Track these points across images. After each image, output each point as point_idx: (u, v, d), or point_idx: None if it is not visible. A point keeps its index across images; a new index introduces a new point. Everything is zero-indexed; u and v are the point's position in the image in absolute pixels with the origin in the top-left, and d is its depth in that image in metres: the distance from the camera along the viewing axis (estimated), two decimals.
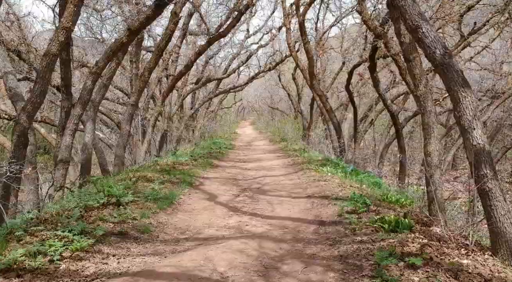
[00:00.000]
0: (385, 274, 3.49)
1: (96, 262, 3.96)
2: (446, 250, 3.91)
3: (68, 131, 7.20)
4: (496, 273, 3.49)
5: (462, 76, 3.80)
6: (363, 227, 4.93)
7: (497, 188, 3.77)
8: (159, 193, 6.68)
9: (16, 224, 4.53)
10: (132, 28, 7.07)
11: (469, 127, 3.76)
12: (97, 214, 5.21)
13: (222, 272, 3.76)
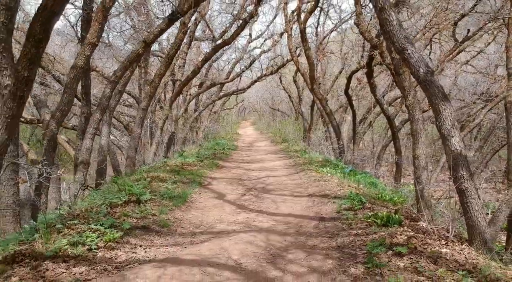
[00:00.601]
0: (376, 260, 4.11)
1: (126, 251, 4.59)
2: (429, 241, 4.53)
3: (89, 135, 7.82)
4: (469, 260, 4.11)
5: (442, 91, 4.42)
6: (358, 222, 5.55)
7: (472, 187, 4.39)
8: (173, 192, 7.31)
9: (52, 219, 5.15)
10: (147, 40, 7.69)
11: (448, 135, 4.38)
12: (121, 210, 5.83)
13: (236, 260, 4.39)
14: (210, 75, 20.83)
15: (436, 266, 3.94)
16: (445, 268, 3.87)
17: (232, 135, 28.39)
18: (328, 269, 4.15)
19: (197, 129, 21.01)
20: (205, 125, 21.90)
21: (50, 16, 3.93)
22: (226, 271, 4.09)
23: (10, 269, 3.90)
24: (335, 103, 23.86)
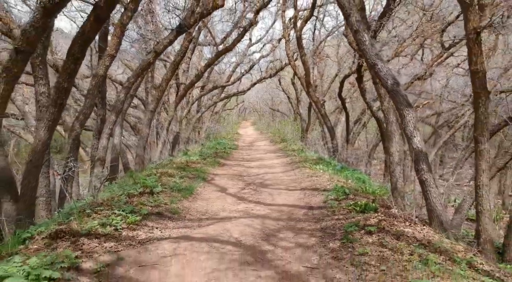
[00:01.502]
0: (350, 237, 5.05)
1: (145, 232, 5.54)
2: (396, 223, 5.47)
3: (105, 135, 8.77)
4: (426, 237, 5.05)
5: (406, 99, 5.37)
6: (340, 209, 6.50)
7: (431, 178, 5.34)
8: (181, 185, 8.26)
9: (80, 206, 6.10)
10: (157, 51, 8.63)
11: (411, 135, 5.32)
12: (138, 200, 6.78)
13: (236, 238, 5.34)
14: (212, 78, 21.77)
15: (398, 241, 4.88)
16: (405, 243, 4.80)
17: (232, 135, 29.34)
18: (312, 244, 5.10)
19: (199, 129, 21.96)
20: (207, 126, 22.85)
21: (86, 40, 4.87)
22: (228, 245, 5.05)
23: (55, 242, 4.84)
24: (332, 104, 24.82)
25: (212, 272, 4.28)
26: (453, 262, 4.25)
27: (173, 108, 13.96)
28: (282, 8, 15.89)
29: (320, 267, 4.38)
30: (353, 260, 4.41)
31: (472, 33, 4.77)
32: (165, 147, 14.70)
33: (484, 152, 4.93)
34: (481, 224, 5.03)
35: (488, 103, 4.91)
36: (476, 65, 4.84)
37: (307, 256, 4.72)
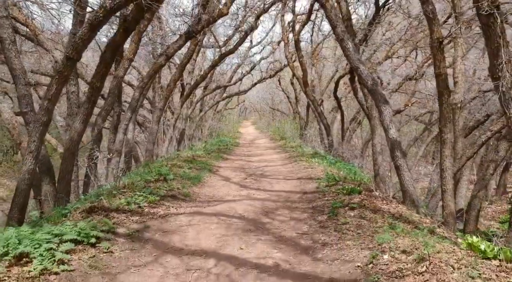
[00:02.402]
0: (336, 212, 6.06)
1: (163, 209, 6.54)
2: (375, 201, 6.48)
3: (121, 130, 9.77)
4: (399, 212, 6.05)
5: (384, 97, 6.37)
6: (330, 193, 7.50)
7: (404, 164, 6.34)
8: (190, 174, 9.27)
9: (107, 189, 7.11)
10: (168, 54, 9.63)
11: (388, 127, 6.32)
12: (154, 185, 7.79)
13: (240, 213, 6.35)
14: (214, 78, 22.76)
15: (374, 214, 5.88)
16: (380, 215, 5.81)
17: (234, 134, 30.39)
18: (303, 218, 6.11)
19: (202, 127, 22.96)
20: (210, 124, 23.85)
21: (116, 47, 5.87)
22: (234, 218, 6.06)
23: (90, 216, 5.84)
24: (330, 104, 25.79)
25: (221, 236, 5.28)
26: (416, 229, 5.25)
27: (180, 107, 14.97)
28: (281, 12, 16.87)
29: (309, 233, 5.39)
30: (336, 227, 5.42)
31: (436, 42, 5.75)
32: (172, 142, 15.70)
33: (447, 140, 5.90)
34: (445, 201, 6.01)
35: (449, 100, 5.89)
36: (439, 69, 5.82)
37: (299, 226, 5.73)
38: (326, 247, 4.79)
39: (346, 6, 7.22)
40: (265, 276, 4.08)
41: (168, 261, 4.46)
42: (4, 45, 6.01)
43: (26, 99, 6.31)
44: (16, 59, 6.12)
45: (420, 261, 3.76)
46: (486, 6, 3.98)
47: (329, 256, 4.52)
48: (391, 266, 3.85)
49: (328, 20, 6.47)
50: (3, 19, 5.88)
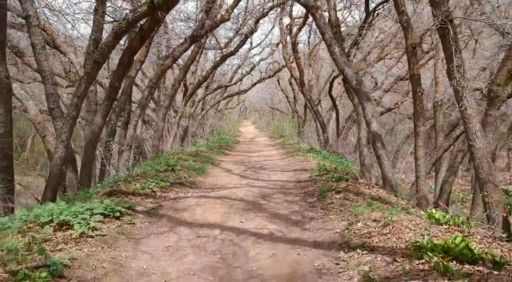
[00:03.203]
0: (323, 195, 6.96)
1: (173, 193, 7.45)
2: (359, 187, 7.38)
3: (132, 126, 10.68)
4: (379, 194, 6.95)
5: (367, 95, 7.27)
6: (321, 180, 8.41)
7: (384, 154, 7.24)
8: (195, 166, 10.18)
9: (123, 177, 8.01)
10: (175, 56, 10.54)
11: (370, 121, 7.22)
12: (163, 174, 8.70)
13: (241, 197, 7.26)
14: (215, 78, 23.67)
15: (357, 196, 6.78)
16: (361, 197, 6.71)
17: (234, 132, 31.30)
18: (295, 200, 7.03)
19: (204, 125, 23.87)
20: (211, 122, 24.76)
21: (133, 52, 6.78)
22: (235, 201, 6.97)
23: (110, 197, 6.74)
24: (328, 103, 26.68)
25: (224, 214, 6.20)
26: (391, 207, 6.15)
27: (183, 106, 15.87)
28: (279, 16, 17.77)
29: (300, 211, 6.30)
30: (323, 206, 6.33)
31: (410, 47, 6.65)
32: (176, 139, 16.61)
33: (420, 133, 6.79)
34: (419, 185, 6.90)
35: (422, 98, 6.79)
36: (413, 70, 6.72)
37: (292, 206, 6.65)
38: (313, 221, 5.71)
39: (335, 14, 8.11)
40: (262, 240, 4.98)
41: (181, 231, 5.37)
42: (35, 50, 6.92)
43: (53, 97, 7.21)
44: (45, 62, 7.03)
45: (386, 226, 4.66)
46: (441, 20, 4.89)
47: (315, 226, 5.43)
48: (362, 230, 4.76)
49: (318, 27, 7.36)
50: (35, 27, 6.79)
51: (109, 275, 3.95)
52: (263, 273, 4.03)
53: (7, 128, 6.10)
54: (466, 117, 5.07)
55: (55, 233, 4.68)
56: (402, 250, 3.95)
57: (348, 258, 4.11)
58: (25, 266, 3.67)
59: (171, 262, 4.36)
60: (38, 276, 3.56)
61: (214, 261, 4.37)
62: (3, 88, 5.92)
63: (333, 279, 3.76)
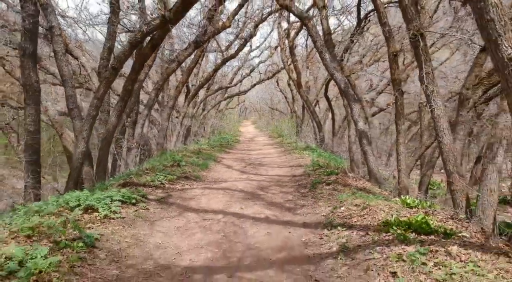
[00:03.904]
0: (315, 186, 7.79)
1: (180, 185, 8.27)
2: (347, 179, 8.20)
3: (139, 125, 11.50)
4: (364, 186, 7.77)
5: (354, 97, 8.09)
6: (314, 174, 9.23)
7: (369, 149, 8.06)
8: (198, 162, 11.01)
9: (133, 171, 8.83)
10: (180, 60, 11.35)
11: (357, 121, 8.04)
12: (170, 169, 9.52)
13: (241, 188, 8.09)
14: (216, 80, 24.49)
15: (344, 187, 7.60)
16: (348, 188, 7.53)
17: (234, 132, 32.11)
18: (290, 191, 7.85)
19: (205, 125, 24.68)
20: (212, 122, 25.59)
21: (144, 58, 7.60)
22: (236, 191, 7.80)
23: (124, 188, 7.56)
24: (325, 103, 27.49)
25: (226, 202, 7.02)
26: (373, 195, 6.97)
27: (186, 106, 16.69)
28: (278, 20, 18.58)
29: (293, 200, 7.13)
30: (313, 196, 7.15)
31: (391, 55, 7.46)
32: (179, 138, 17.44)
33: (401, 131, 7.60)
34: (400, 177, 7.71)
35: (402, 99, 7.59)
36: (395, 75, 7.53)
37: (286, 196, 7.47)
38: (304, 207, 6.54)
39: (327, 23, 8.91)
40: (259, 223, 5.80)
41: (189, 215, 6.19)
42: (57, 57, 7.74)
43: (72, 98, 8.02)
44: (66, 67, 7.84)
45: (364, 209, 5.49)
46: (412, 34, 5.71)
47: (305, 212, 6.26)
48: (344, 213, 5.59)
49: (310, 36, 8.17)
50: (58, 36, 7.61)
51: (131, 247, 4.77)
52: (259, 246, 4.85)
53: (36, 126, 6.92)
54: (435, 117, 5.89)
55: (83, 215, 5.49)
56: (375, 227, 4.77)
57: (330, 234, 4.93)
58: (64, 238, 4.49)
59: (182, 239, 5.18)
60: (76, 245, 4.37)
61: (219, 238, 5.19)
62: (34, 92, 6.75)
63: (316, 249, 4.59)
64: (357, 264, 3.86)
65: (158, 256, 4.57)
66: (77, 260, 4.11)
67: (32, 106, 6.75)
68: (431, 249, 3.69)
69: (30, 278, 3.55)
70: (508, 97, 3.37)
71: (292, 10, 8.39)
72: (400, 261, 3.58)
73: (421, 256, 3.54)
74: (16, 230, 4.54)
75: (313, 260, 4.26)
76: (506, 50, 3.22)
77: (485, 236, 4.44)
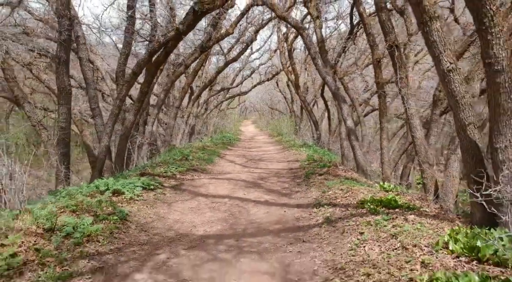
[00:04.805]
0: (308, 176, 8.85)
1: (189, 176, 9.35)
2: (337, 171, 9.27)
3: (150, 124, 12.58)
4: (352, 176, 8.82)
5: (343, 98, 9.16)
6: (308, 167, 10.30)
7: (357, 144, 9.12)
8: (204, 157, 12.08)
9: (149, 163, 9.90)
10: (187, 64, 12.42)
11: (345, 119, 9.11)
12: (179, 162, 10.59)
13: (243, 178, 9.17)
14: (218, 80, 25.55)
15: (335, 177, 8.66)
16: (338, 178, 8.59)
17: (235, 131, 33.19)
18: (286, 181, 8.92)
19: (207, 124, 25.76)
20: (214, 121, 26.66)
21: (159, 63, 8.66)
22: (239, 181, 8.87)
23: (142, 177, 8.62)
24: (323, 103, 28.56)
25: (231, 189, 8.09)
26: (359, 183, 8.03)
27: (191, 106, 17.76)
28: (277, 25, 19.62)
29: (289, 187, 8.20)
30: (307, 184, 8.22)
31: (375, 61, 8.53)
32: (184, 136, 18.51)
33: (384, 128, 8.67)
34: (383, 169, 8.77)
35: (385, 100, 8.66)
36: (378, 79, 8.60)
37: (283, 184, 8.54)
38: (298, 193, 7.61)
39: (320, 32, 9.95)
40: (259, 204, 6.87)
41: (199, 199, 7.26)
42: (81, 62, 8.81)
43: (94, 99, 9.09)
44: (89, 72, 8.91)
45: (347, 192, 6.56)
46: (388, 45, 6.78)
47: (298, 196, 7.33)
48: (331, 195, 6.66)
49: (305, 44, 9.23)
50: (82, 45, 8.68)
51: (155, 222, 5.84)
52: (260, 221, 5.92)
53: (67, 123, 7.98)
54: (409, 116, 6.96)
55: (111, 197, 6.55)
56: (354, 205, 5.84)
57: (318, 211, 6.00)
58: (102, 213, 5.56)
59: (196, 216, 6.26)
60: (111, 218, 5.44)
61: (226, 215, 6.26)
62: (67, 93, 7.80)
63: (306, 221, 5.66)
64: (336, 229, 4.93)
65: (178, 228, 5.64)
66: (114, 228, 5.19)
67: (64, 106, 7.81)
68: (393, 217, 4.76)
69: (83, 238, 4.63)
70: (449, 99, 4.44)
71: (289, 21, 9.45)
72: (368, 225, 4.64)
73: (384, 221, 4.60)
74: (62, 206, 5.60)
75: (302, 229, 5.33)
76: (445, 64, 4.29)
77: (442, 211, 5.51)
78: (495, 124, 3.93)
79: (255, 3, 10.76)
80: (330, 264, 3.95)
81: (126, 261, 4.32)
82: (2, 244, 4.14)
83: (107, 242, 4.76)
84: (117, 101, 8.00)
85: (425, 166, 6.88)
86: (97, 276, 3.92)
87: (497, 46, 3.72)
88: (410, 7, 6.26)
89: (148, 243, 4.98)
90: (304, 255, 4.34)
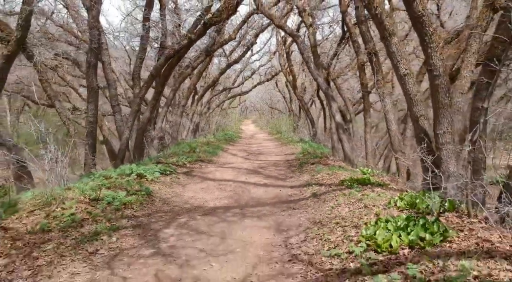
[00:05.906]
0: (302, 166, 10.16)
1: (198, 165, 10.66)
2: (327, 161, 10.58)
3: (160, 120, 13.88)
4: (340, 165, 10.12)
5: (333, 97, 10.46)
6: (303, 158, 11.61)
7: (345, 136, 10.43)
8: (209, 150, 13.40)
9: (162, 154, 11.21)
10: (194, 66, 13.73)
11: (334, 115, 10.41)
12: (188, 154, 11.90)
13: (245, 167, 10.49)
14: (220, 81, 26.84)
15: (325, 166, 9.96)
16: (327, 166, 9.89)
17: (236, 129, 34.51)
18: (283, 169, 10.24)
19: (210, 122, 27.08)
20: (216, 120, 27.99)
21: (172, 67, 9.96)
22: (242, 169, 10.19)
23: (158, 164, 9.92)
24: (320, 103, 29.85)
25: (235, 175, 9.40)
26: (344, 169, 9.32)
27: (196, 105, 19.06)
28: (276, 28, 20.90)
29: (285, 174, 9.51)
30: (300, 171, 9.54)
31: (360, 65, 9.82)
32: (189, 132, 19.82)
33: (368, 123, 9.96)
34: (367, 159, 10.08)
35: (368, 98, 9.95)
36: (363, 80, 9.90)
37: (280, 172, 9.86)
38: (292, 178, 8.92)
39: (313, 38, 11.24)
40: (259, 186, 8.18)
41: (208, 182, 8.58)
42: (104, 65, 10.11)
43: (115, 98, 10.39)
44: (110, 74, 10.21)
45: (332, 175, 7.86)
46: (368, 52, 8.08)
47: (292, 180, 8.64)
48: (319, 178, 7.97)
49: (298, 49, 10.52)
50: (105, 50, 9.98)
51: (174, 197, 7.15)
52: (259, 197, 7.23)
53: (95, 118, 9.26)
54: (385, 112, 8.27)
55: (135, 179, 7.86)
56: (336, 184, 7.14)
57: (307, 189, 7.31)
58: (132, 189, 6.87)
59: (206, 194, 7.56)
60: (140, 193, 6.75)
61: (231, 194, 7.57)
62: (95, 92, 9.09)
63: (297, 196, 6.97)
64: (319, 200, 6.24)
65: (192, 202, 6.95)
66: (143, 200, 6.51)
67: (93, 103, 9.09)
68: (364, 189, 6.06)
69: (121, 205, 5.94)
70: (406, 96, 5.74)
71: (285, 29, 10.75)
72: (343, 196, 5.95)
73: (356, 192, 5.91)
74: (100, 184, 6.91)
75: (293, 201, 6.65)
76: (402, 70, 5.60)
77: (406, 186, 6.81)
78: (436, 116, 5.23)
79: (255, 12, 12.04)
80: (311, 220, 5.26)
81: (156, 222, 5.63)
82: (62, 208, 5.47)
83: (139, 209, 6.07)
84: (136, 100, 9.32)
85: (398, 154, 8.18)
86: (137, 230, 5.22)
87: (435, 57, 5.02)
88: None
89: (170, 211, 6.29)
90: (293, 216, 5.66)
